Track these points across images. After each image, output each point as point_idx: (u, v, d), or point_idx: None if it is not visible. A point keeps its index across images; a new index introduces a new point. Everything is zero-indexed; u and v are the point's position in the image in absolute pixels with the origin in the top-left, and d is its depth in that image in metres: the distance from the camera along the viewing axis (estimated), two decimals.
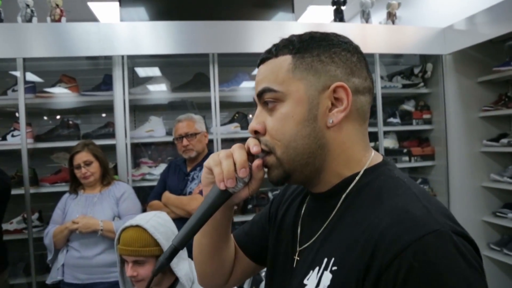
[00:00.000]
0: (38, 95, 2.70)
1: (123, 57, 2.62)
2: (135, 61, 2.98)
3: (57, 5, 2.61)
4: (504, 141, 2.85)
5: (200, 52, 2.72)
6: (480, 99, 3.06)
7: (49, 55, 2.53)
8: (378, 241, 0.54)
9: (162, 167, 2.85)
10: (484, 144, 3.02)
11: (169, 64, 3.13)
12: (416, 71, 3.25)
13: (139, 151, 3.14)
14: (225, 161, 0.67)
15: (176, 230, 1.47)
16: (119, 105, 2.62)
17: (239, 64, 3.14)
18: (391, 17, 3.13)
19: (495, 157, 3.07)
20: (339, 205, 0.66)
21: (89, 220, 2.11)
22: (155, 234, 1.37)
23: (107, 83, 2.73)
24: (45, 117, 3.14)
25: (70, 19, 2.66)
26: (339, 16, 3.08)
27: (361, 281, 0.55)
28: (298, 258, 0.71)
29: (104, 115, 3.14)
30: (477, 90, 3.07)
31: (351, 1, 3.18)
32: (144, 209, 2.47)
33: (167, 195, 2.35)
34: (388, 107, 3.26)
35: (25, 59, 2.54)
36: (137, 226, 1.39)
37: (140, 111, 3.22)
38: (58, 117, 3.09)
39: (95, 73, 2.88)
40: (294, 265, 0.71)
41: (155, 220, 1.42)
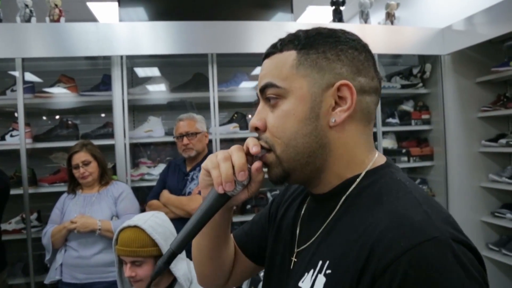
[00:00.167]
0: (37, 95, 2.70)
1: (122, 57, 2.62)
2: (134, 61, 2.98)
3: (56, 5, 2.61)
4: (503, 141, 2.85)
5: (199, 52, 2.72)
6: (478, 99, 3.06)
7: (48, 55, 2.53)
8: (374, 245, 0.53)
9: (161, 167, 2.85)
10: (482, 144, 3.03)
11: (168, 64, 3.12)
12: (415, 71, 3.26)
13: (138, 151, 3.14)
14: (223, 164, 0.65)
15: (174, 230, 1.47)
16: (118, 105, 2.61)
17: (238, 64, 3.15)
18: (390, 17, 3.13)
19: (493, 157, 3.07)
20: (338, 207, 0.64)
21: (87, 219, 2.11)
22: (153, 235, 1.37)
23: (106, 83, 2.73)
24: (44, 117, 3.14)
25: (69, 19, 2.66)
26: (338, 17, 3.08)
27: (355, 286, 0.54)
28: (295, 260, 0.70)
29: (103, 115, 3.14)
30: (476, 91, 3.08)
31: (350, 1, 3.18)
32: (143, 209, 2.47)
33: (166, 195, 2.35)
34: (387, 107, 3.27)
35: (24, 59, 2.54)
36: (135, 226, 1.39)
37: (139, 111, 3.22)
38: (57, 117, 3.09)
39: (94, 73, 2.88)
40: (291, 267, 0.70)
41: (153, 221, 1.42)
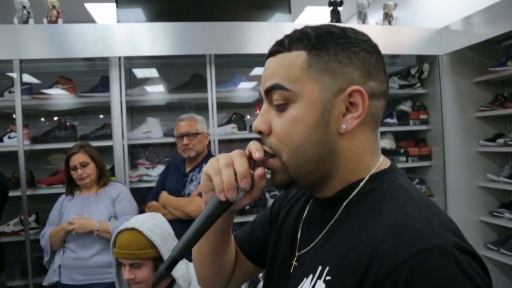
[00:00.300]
0: (35, 96, 2.70)
1: (120, 58, 2.62)
2: (132, 62, 2.97)
3: (54, 7, 2.60)
4: (501, 141, 2.85)
5: (197, 53, 2.72)
6: (476, 99, 3.07)
7: (45, 56, 2.52)
8: (374, 253, 0.52)
9: (160, 168, 2.85)
10: (480, 144, 3.03)
11: (166, 65, 3.12)
12: (413, 71, 3.26)
13: (136, 152, 3.13)
14: (225, 170, 0.63)
15: (172, 232, 1.47)
16: (116, 107, 2.61)
17: (236, 65, 3.14)
18: (387, 17, 3.14)
19: (491, 157, 3.08)
20: (340, 211, 0.63)
21: (85, 220, 2.10)
22: (151, 236, 1.36)
23: (104, 85, 2.72)
24: (42, 119, 3.13)
25: (66, 20, 2.65)
26: (336, 17, 3.08)
27: None
28: (295, 264, 0.69)
29: (101, 116, 3.13)
30: (474, 91, 3.08)
31: (347, 2, 3.18)
32: (142, 210, 2.46)
33: (165, 196, 2.34)
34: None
35: (21, 61, 2.53)
36: (133, 229, 1.38)
37: (137, 112, 3.21)
38: (55, 118, 3.09)
39: (92, 74, 2.88)
40: (291, 270, 0.69)
41: (150, 222, 1.41)
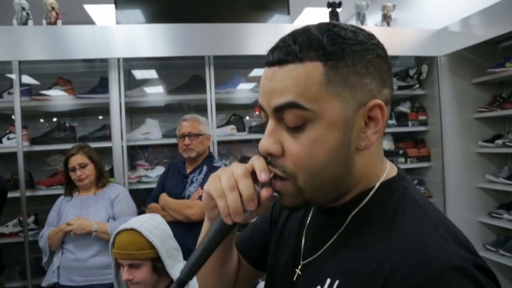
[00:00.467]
0: (34, 98, 2.70)
1: (119, 59, 2.62)
2: (131, 63, 2.98)
3: (53, 8, 2.60)
4: (499, 142, 2.86)
5: (196, 54, 2.72)
6: (475, 100, 3.07)
7: (45, 57, 2.53)
8: (390, 275, 0.49)
9: (159, 169, 2.85)
10: (479, 145, 3.04)
11: (165, 67, 3.13)
12: (411, 72, 3.27)
13: (135, 153, 3.13)
14: (230, 194, 0.58)
15: (170, 232, 1.47)
16: (115, 108, 2.61)
17: (235, 66, 3.15)
18: (386, 19, 3.15)
19: (490, 158, 3.08)
20: (348, 221, 0.59)
21: (83, 221, 2.10)
22: (150, 237, 1.37)
23: (103, 86, 2.73)
24: (41, 120, 3.13)
25: (66, 21, 2.65)
26: (334, 18, 3.09)
27: None
28: (299, 272, 0.66)
29: (100, 117, 3.14)
30: (472, 92, 3.09)
31: (346, 3, 3.19)
32: (141, 211, 2.46)
33: (165, 198, 2.33)
34: None
35: (20, 62, 2.54)
36: (132, 229, 1.38)
37: (136, 113, 3.21)
38: (54, 119, 3.08)
39: (91, 75, 2.88)
40: (295, 279, 0.66)
41: (149, 223, 1.42)
